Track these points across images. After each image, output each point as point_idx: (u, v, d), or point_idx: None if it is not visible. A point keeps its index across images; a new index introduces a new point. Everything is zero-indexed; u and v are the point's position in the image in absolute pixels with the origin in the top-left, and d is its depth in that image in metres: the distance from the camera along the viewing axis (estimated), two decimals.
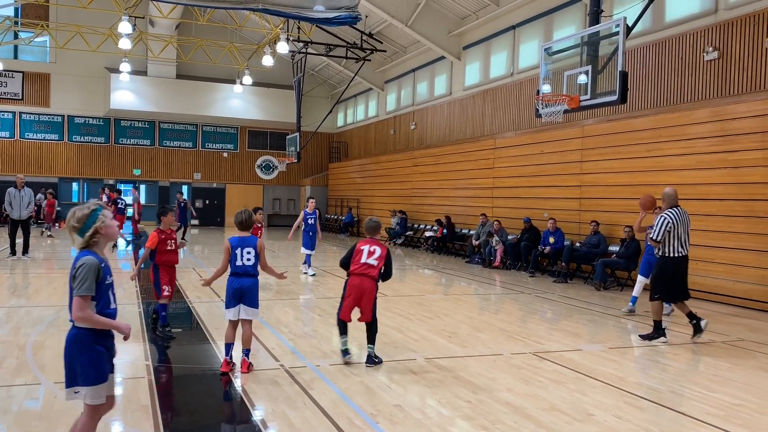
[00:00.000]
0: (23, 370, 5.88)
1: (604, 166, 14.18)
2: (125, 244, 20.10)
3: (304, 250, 13.71)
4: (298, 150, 26.59)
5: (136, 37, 25.84)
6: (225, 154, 33.75)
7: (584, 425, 4.86)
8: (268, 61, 24.83)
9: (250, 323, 6.10)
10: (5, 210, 15.18)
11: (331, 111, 30.07)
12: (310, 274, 13.58)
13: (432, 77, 24.49)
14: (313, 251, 13.77)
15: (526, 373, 6.27)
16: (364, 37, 23.96)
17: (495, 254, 16.31)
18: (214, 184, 33.50)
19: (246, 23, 27.10)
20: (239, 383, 5.73)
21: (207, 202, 33.11)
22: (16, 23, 27.71)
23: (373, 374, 6.12)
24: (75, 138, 30.93)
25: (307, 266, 13.80)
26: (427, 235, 21.05)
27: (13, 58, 29.58)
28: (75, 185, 31.60)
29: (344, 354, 6.49)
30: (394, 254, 20.08)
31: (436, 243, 20.22)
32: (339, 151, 34.30)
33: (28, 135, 30.10)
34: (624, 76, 10.29)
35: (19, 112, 29.84)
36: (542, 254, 14.86)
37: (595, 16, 11.38)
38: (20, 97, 29.70)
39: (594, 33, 11.20)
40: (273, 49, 24.41)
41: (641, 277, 10.07)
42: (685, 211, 8.14)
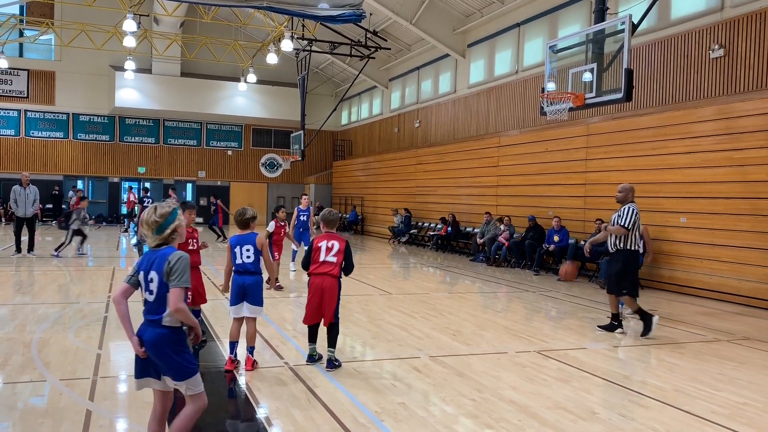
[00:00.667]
0: (28, 367, 5.90)
1: (609, 164, 14.15)
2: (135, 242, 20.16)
3: (293, 246, 13.41)
4: (303, 148, 26.60)
5: (140, 35, 25.87)
6: (229, 152, 33.78)
7: (589, 424, 4.85)
8: (272, 59, 24.83)
9: (254, 321, 6.10)
10: (11, 208, 15.23)
11: (335, 109, 30.06)
12: (291, 270, 13.49)
13: (436, 75, 24.46)
14: (298, 248, 13.30)
15: (531, 372, 6.26)
16: (369, 35, 23.93)
17: (501, 249, 16.28)
18: (219, 182, 33.54)
19: (250, 21, 27.12)
20: (244, 381, 5.73)
21: (211, 200, 33.14)
22: (21, 21, 27.78)
23: (377, 372, 6.11)
24: (80, 136, 31.00)
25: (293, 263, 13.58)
26: (431, 234, 21.04)
27: (19, 56, 29.66)
28: (80, 183, 31.66)
29: (310, 359, 6.23)
30: (398, 252, 20.09)
31: (441, 241, 20.21)
32: (343, 149, 34.30)
33: (33, 133, 30.18)
34: (629, 73, 10.26)
35: (24, 110, 29.92)
36: (547, 252, 14.84)
37: (601, 14, 11.34)
38: (25, 95, 29.78)
39: (599, 30, 11.16)
40: (277, 47, 24.42)
41: None
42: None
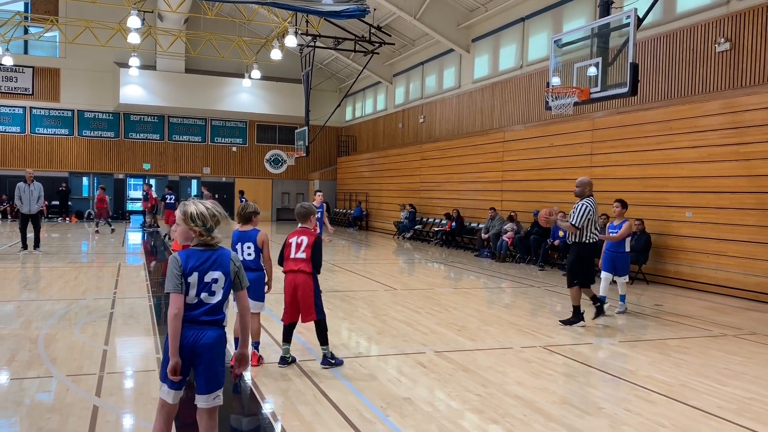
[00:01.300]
0: (35, 363, 5.92)
1: (615, 159, 14.10)
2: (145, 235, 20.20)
3: None
4: (307, 144, 26.58)
5: (144, 31, 25.89)
6: (234, 149, 33.82)
7: (595, 419, 4.84)
8: (276, 54, 24.82)
9: (257, 316, 6.09)
10: (16, 205, 15.30)
11: (339, 105, 30.03)
12: None
13: (441, 70, 24.40)
14: None
15: (536, 367, 6.26)
16: (373, 30, 23.87)
17: (504, 246, 16.27)
18: (223, 178, 33.59)
19: (254, 17, 27.09)
20: (249, 376, 5.74)
21: (216, 196, 33.16)
22: (26, 18, 27.82)
23: (382, 367, 6.12)
24: (85, 133, 31.08)
25: None
26: (436, 229, 21.03)
27: (24, 53, 29.73)
28: (85, 180, 31.78)
29: (282, 361, 6.04)
30: (402, 248, 20.08)
31: (445, 237, 20.19)
32: (347, 144, 34.28)
33: (38, 130, 30.27)
34: (635, 68, 10.21)
35: (30, 107, 30.01)
36: (552, 247, 14.81)
37: (606, 8, 11.29)
38: (30, 92, 29.86)
39: (604, 25, 11.11)
40: (281, 42, 24.40)
41: (607, 274, 9.35)
42: (596, 201, 8.43)
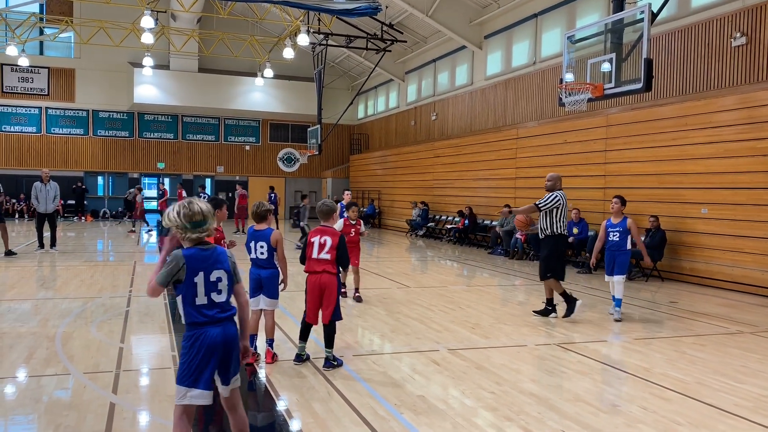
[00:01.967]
0: (53, 361, 5.99)
1: (629, 155, 14.00)
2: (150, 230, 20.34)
3: None
4: (320, 142, 26.64)
5: (158, 31, 26.04)
6: (247, 147, 33.95)
7: (610, 416, 4.82)
8: (288, 53, 24.86)
9: (272, 313, 6.11)
10: (32, 204, 15.47)
11: (351, 103, 30.06)
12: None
13: (453, 67, 24.34)
14: None
15: (551, 364, 6.23)
16: (385, 28, 23.86)
17: (519, 244, 16.22)
18: (237, 177, 33.73)
19: (266, 16, 27.15)
20: (264, 373, 5.77)
21: (230, 194, 33.34)
22: (41, 19, 28.08)
23: (396, 365, 6.12)
24: (100, 132, 31.33)
25: None
26: (449, 227, 21.00)
27: (39, 54, 30.02)
28: (100, 179, 32.05)
29: (297, 359, 6.07)
30: (415, 246, 20.07)
31: (458, 234, 20.16)
32: (360, 142, 34.30)
33: (54, 130, 30.57)
34: (649, 63, 10.13)
35: (45, 108, 30.31)
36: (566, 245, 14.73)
37: (620, 3, 11.21)
38: (46, 93, 30.15)
39: (618, 20, 11.04)
40: (293, 41, 24.44)
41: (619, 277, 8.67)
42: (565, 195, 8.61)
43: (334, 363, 6.00)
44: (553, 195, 8.43)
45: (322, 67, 26.21)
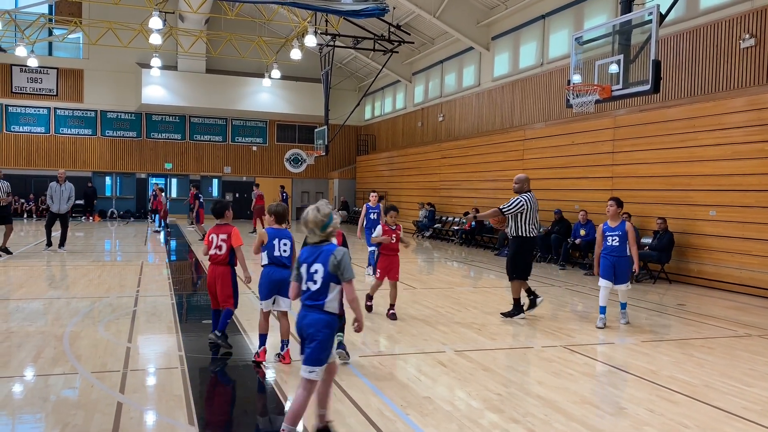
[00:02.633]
0: (61, 360, 6.02)
1: (637, 157, 13.95)
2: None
3: (370, 247, 12.00)
4: (326, 143, 26.67)
5: (166, 32, 26.15)
6: (254, 148, 34.02)
7: (616, 419, 4.80)
8: (296, 54, 24.92)
9: (286, 315, 6.08)
10: (47, 203, 15.58)
11: (358, 104, 30.08)
12: (368, 274, 12.04)
13: (460, 68, 24.32)
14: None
15: (557, 366, 6.22)
16: (392, 29, 23.87)
17: None
18: (244, 178, 33.81)
19: (274, 17, 27.23)
20: (271, 374, 5.78)
21: (237, 195, 33.45)
22: (50, 20, 28.25)
23: (402, 366, 6.13)
24: (108, 133, 31.48)
25: (372, 268, 11.35)
26: (455, 228, 20.97)
27: (48, 55, 30.19)
28: (108, 179, 32.18)
29: (338, 346, 6.11)
30: (422, 247, 20.06)
31: (465, 235, 20.13)
32: (367, 143, 34.32)
33: (62, 130, 30.72)
34: (657, 65, 10.09)
35: (54, 108, 30.47)
36: (573, 247, 14.70)
37: (627, 4, 11.17)
38: (55, 93, 30.31)
39: (626, 21, 11.00)
40: (301, 42, 24.49)
41: (607, 282, 8.27)
42: (535, 196, 8.66)
43: (345, 351, 6.10)
44: (518, 200, 8.45)
45: (329, 68, 26.25)
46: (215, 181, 33.62)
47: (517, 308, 8.63)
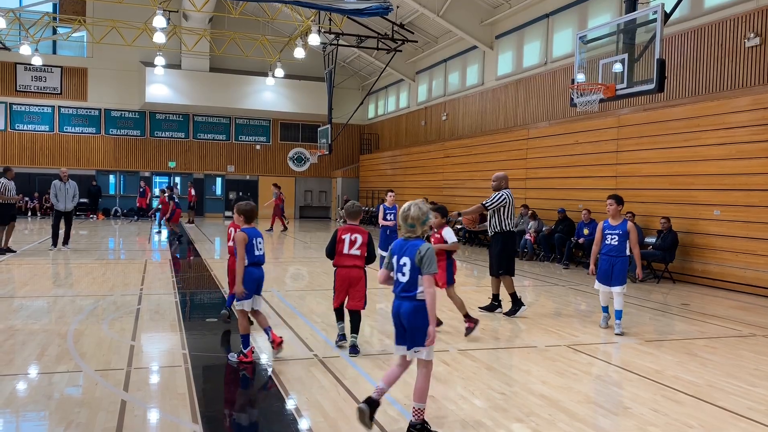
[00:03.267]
0: (65, 358, 6.03)
1: (641, 156, 13.92)
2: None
3: (380, 251, 11.05)
4: (330, 142, 26.67)
5: (170, 31, 26.14)
6: (258, 147, 34.04)
7: (620, 418, 4.79)
8: (299, 53, 24.91)
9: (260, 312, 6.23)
10: (52, 202, 15.61)
11: (362, 102, 30.06)
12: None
13: (464, 67, 24.29)
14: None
15: (561, 366, 6.21)
16: (396, 28, 23.86)
17: (528, 245, 16.17)
18: (247, 177, 33.83)
19: (278, 16, 27.23)
20: (274, 372, 5.78)
21: (240, 193, 33.48)
22: (54, 19, 28.29)
23: None
24: (112, 131, 31.52)
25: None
26: (458, 227, 20.94)
27: (52, 54, 30.24)
28: (112, 178, 32.24)
29: (340, 339, 6.61)
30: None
31: (468, 234, 20.11)
32: (370, 142, 34.31)
33: (66, 128, 30.77)
34: (661, 64, 10.08)
35: (58, 106, 30.52)
36: (576, 246, 14.68)
37: (632, 3, 11.16)
38: (59, 92, 30.37)
39: (630, 20, 10.98)
40: (304, 41, 24.48)
41: (605, 287, 7.90)
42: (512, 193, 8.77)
43: (358, 350, 6.33)
44: (500, 194, 8.56)
45: (332, 67, 26.25)
46: (218, 180, 33.65)
47: (517, 303, 8.64)
